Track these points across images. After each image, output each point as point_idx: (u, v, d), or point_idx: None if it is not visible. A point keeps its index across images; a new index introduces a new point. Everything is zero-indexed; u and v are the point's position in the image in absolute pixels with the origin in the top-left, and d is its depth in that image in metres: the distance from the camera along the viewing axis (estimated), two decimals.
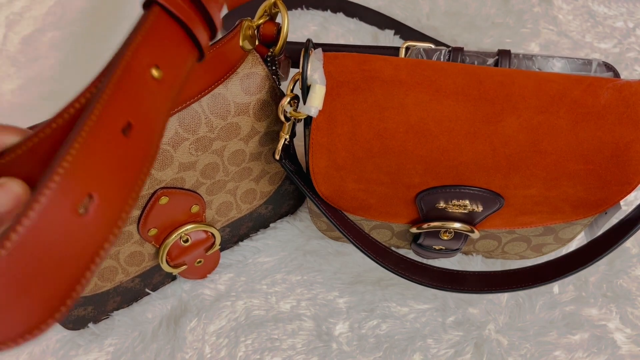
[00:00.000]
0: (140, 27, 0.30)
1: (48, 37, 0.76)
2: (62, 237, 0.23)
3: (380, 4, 0.75)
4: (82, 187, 0.24)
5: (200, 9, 0.33)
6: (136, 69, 0.28)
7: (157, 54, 0.30)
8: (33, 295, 0.22)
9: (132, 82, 0.28)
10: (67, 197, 0.23)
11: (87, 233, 0.24)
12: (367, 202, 0.46)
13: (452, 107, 0.39)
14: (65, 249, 0.23)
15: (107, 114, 0.26)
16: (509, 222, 0.47)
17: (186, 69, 0.33)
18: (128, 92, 0.28)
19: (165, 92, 0.31)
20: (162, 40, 0.31)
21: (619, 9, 0.72)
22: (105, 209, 0.25)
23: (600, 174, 0.40)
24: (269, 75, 0.42)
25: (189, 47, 0.33)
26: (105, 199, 0.25)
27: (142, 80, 0.29)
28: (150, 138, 0.29)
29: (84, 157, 0.24)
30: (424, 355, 0.50)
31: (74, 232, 0.23)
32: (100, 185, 0.25)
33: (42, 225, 0.22)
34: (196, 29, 0.32)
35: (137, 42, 0.29)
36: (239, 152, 0.45)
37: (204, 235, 0.50)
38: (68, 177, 0.23)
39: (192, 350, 0.51)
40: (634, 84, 0.39)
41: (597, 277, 0.53)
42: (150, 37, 0.30)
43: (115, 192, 0.26)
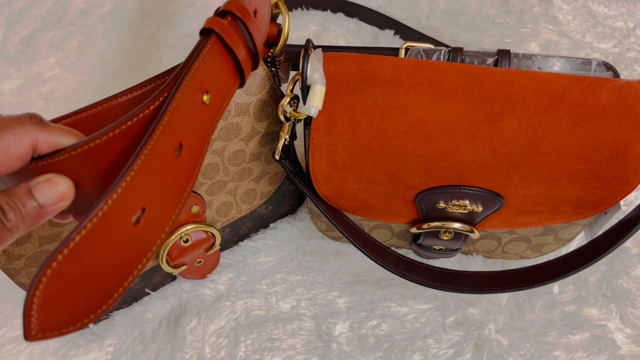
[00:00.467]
0: (198, 54, 0.32)
1: (48, 37, 0.76)
2: (115, 243, 0.26)
3: (380, 4, 0.75)
4: (137, 201, 0.27)
5: (248, 40, 0.36)
6: (192, 94, 0.31)
7: (209, 80, 0.33)
8: (82, 291, 0.25)
9: (186, 107, 0.31)
10: (124, 209, 0.26)
11: (136, 241, 0.27)
12: (367, 202, 0.46)
13: (452, 107, 0.39)
14: (115, 253, 0.26)
15: (165, 136, 0.28)
16: (509, 222, 0.47)
17: (230, 96, 0.36)
18: (182, 116, 0.30)
19: (211, 116, 0.34)
20: (214, 68, 0.33)
21: (619, 9, 0.72)
22: (154, 221, 0.28)
23: (600, 174, 0.40)
24: (269, 76, 0.42)
25: (235, 75, 0.36)
26: (154, 212, 0.28)
27: (195, 104, 0.32)
28: (196, 158, 0.32)
29: (142, 175, 0.27)
30: (424, 355, 0.50)
31: (125, 239, 0.26)
32: (152, 199, 0.28)
33: (101, 231, 0.25)
34: (244, 62, 0.35)
35: (195, 67, 0.31)
36: (239, 153, 0.45)
37: (204, 236, 0.50)
38: (127, 192, 0.26)
39: (192, 350, 0.51)
40: (634, 84, 0.39)
41: (597, 277, 0.53)
42: (206, 64, 0.32)
43: (164, 206, 0.29)
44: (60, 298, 0.24)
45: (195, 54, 0.32)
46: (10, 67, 0.73)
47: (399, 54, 0.45)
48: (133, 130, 0.29)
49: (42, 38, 0.76)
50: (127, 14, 0.79)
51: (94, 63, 0.74)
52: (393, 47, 0.46)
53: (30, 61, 0.74)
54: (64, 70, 0.73)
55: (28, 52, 0.75)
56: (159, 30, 0.76)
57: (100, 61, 0.74)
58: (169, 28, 0.76)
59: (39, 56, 0.75)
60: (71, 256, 0.23)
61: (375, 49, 0.46)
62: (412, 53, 0.45)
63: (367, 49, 0.47)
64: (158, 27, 0.76)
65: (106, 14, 0.79)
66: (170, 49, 0.73)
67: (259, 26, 0.36)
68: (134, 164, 0.26)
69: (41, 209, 0.27)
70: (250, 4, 0.36)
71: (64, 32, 0.77)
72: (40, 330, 0.23)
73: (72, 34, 0.77)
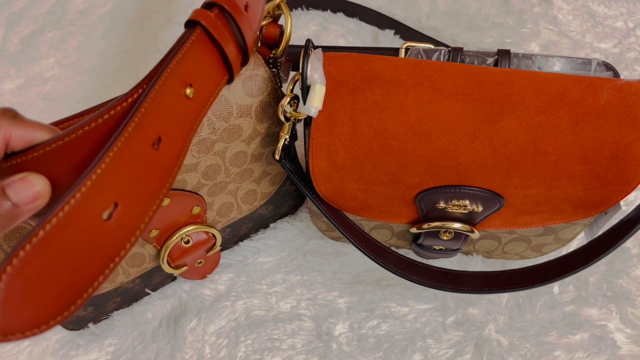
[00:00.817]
0: (181, 45, 0.31)
1: (48, 37, 0.76)
2: (83, 240, 0.24)
3: (380, 4, 0.75)
4: (109, 196, 0.25)
5: (237, 34, 0.34)
6: (172, 86, 0.30)
7: (193, 73, 0.31)
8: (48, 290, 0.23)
9: (167, 99, 0.29)
10: (94, 203, 0.24)
11: (107, 238, 0.25)
12: (367, 202, 0.46)
13: (452, 107, 0.39)
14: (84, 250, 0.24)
15: (142, 128, 0.27)
16: (509, 222, 0.47)
17: (216, 91, 0.34)
18: (162, 108, 0.29)
19: (194, 110, 0.32)
20: (199, 61, 0.32)
21: (619, 9, 0.73)
22: (127, 218, 0.26)
23: (600, 174, 0.40)
24: (271, 78, 0.42)
25: (222, 70, 0.34)
26: (128, 208, 0.26)
27: (176, 97, 0.30)
28: (177, 152, 0.31)
29: (115, 168, 0.25)
30: (424, 355, 0.50)
31: (96, 236, 0.25)
32: (126, 194, 0.26)
33: (68, 226, 0.23)
34: (231, 54, 0.34)
35: (177, 59, 0.30)
36: (240, 154, 0.45)
37: (205, 236, 0.50)
38: (98, 185, 0.24)
39: (192, 350, 0.51)
40: (634, 84, 0.39)
41: (597, 277, 0.53)
42: (189, 56, 0.31)
43: (138, 202, 0.27)
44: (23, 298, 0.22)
45: (178, 45, 0.31)
46: (10, 67, 0.73)
47: (399, 54, 0.45)
48: (110, 124, 0.27)
49: (42, 38, 0.76)
50: (127, 14, 0.79)
51: (94, 63, 0.74)
52: (393, 47, 0.46)
53: (30, 61, 0.74)
54: (64, 70, 0.73)
55: (28, 52, 0.75)
56: (159, 30, 0.76)
57: (100, 61, 0.74)
58: (169, 28, 0.76)
59: (39, 56, 0.75)
60: (34, 253, 0.22)
61: (375, 49, 0.46)
62: (412, 53, 0.45)
63: (367, 49, 0.47)
64: (158, 27, 0.76)
65: (106, 14, 0.79)
66: None
67: (249, 21, 0.35)
68: (105, 156, 0.25)
69: (15, 209, 0.25)
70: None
71: (64, 32, 0.77)
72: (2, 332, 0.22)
73: (72, 34, 0.77)
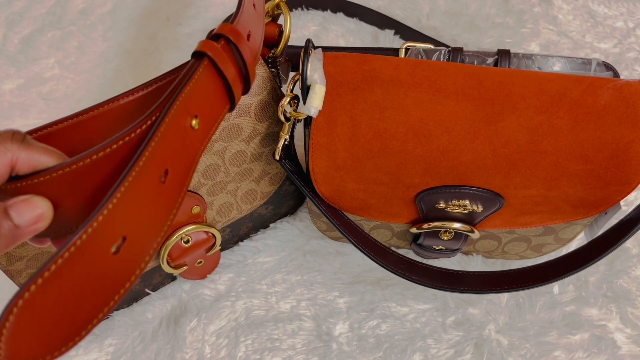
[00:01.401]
0: (190, 77, 0.31)
1: (48, 37, 0.76)
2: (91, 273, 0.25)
3: (380, 4, 0.75)
4: (118, 231, 0.26)
5: (241, 65, 0.35)
6: (180, 118, 0.30)
7: (199, 104, 0.32)
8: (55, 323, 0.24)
9: (174, 132, 0.30)
10: (104, 238, 0.25)
11: (114, 271, 0.26)
12: (367, 202, 0.46)
13: (452, 107, 0.39)
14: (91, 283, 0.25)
15: (151, 162, 0.27)
16: (509, 222, 0.47)
17: (219, 121, 0.35)
18: (170, 142, 0.29)
19: (199, 141, 0.33)
20: (205, 92, 0.32)
21: (619, 9, 0.72)
22: (134, 250, 0.27)
23: (600, 174, 0.40)
24: (270, 77, 0.42)
25: (225, 99, 0.35)
26: (135, 241, 0.27)
27: (182, 129, 0.31)
28: (182, 184, 0.31)
29: (124, 203, 0.26)
30: (424, 355, 0.50)
31: (103, 269, 0.25)
32: (134, 228, 0.27)
33: (78, 261, 0.24)
34: (235, 87, 0.35)
35: (186, 91, 0.30)
36: (240, 153, 0.45)
37: (205, 236, 0.50)
38: (108, 221, 0.25)
39: (192, 350, 0.51)
40: (634, 84, 0.39)
41: (597, 277, 0.53)
42: (197, 88, 0.31)
43: (145, 235, 0.28)
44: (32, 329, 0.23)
45: (187, 77, 0.31)
46: (10, 67, 0.73)
47: (399, 54, 0.45)
48: (118, 154, 0.28)
49: (42, 38, 0.76)
50: (127, 14, 0.79)
51: (94, 63, 0.74)
52: (393, 47, 0.46)
53: (30, 61, 0.74)
54: (64, 70, 0.73)
55: (28, 52, 0.75)
56: (159, 30, 0.76)
57: (100, 61, 0.74)
58: (169, 28, 0.76)
59: (39, 56, 0.75)
60: (45, 286, 0.22)
61: (375, 49, 0.46)
62: (412, 53, 0.45)
63: (367, 49, 0.47)
64: (158, 27, 0.76)
65: (106, 14, 0.79)
66: (170, 49, 0.73)
67: (252, 49, 0.36)
68: (116, 191, 0.25)
69: (17, 230, 0.26)
70: (245, 27, 0.35)
71: (64, 32, 0.77)
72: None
73: (72, 34, 0.77)
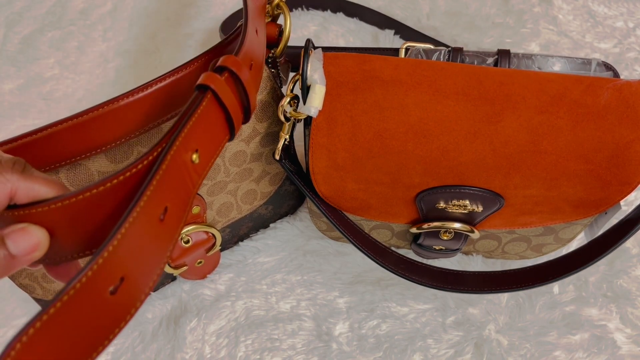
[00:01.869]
0: (194, 111, 0.31)
1: (48, 37, 0.76)
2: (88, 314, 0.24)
3: (380, 4, 0.75)
4: (118, 271, 0.25)
5: (242, 97, 0.34)
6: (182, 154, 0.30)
7: (201, 139, 0.32)
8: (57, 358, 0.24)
9: (176, 170, 0.29)
10: (103, 280, 0.24)
11: (110, 312, 0.26)
12: (367, 202, 0.46)
13: (452, 107, 0.39)
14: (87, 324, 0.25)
15: (152, 202, 0.27)
16: (509, 222, 0.47)
17: (219, 153, 0.34)
18: (171, 180, 0.29)
19: (198, 174, 0.32)
20: (207, 126, 0.32)
21: (619, 9, 0.72)
22: (131, 290, 0.27)
23: (600, 174, 0.40)
24: (270, 77, 0.42)
25: (225, 131, 0.35)
26: (132, 281, 0.26)
27: (184, 164, 0.30)
28: (180, 220, 0.31)
29: (125, 244, 0.25)
30: (424, 355, 0.50)
31: (100, 311, 0.25)
32: (132, 268, 0.26)
33: (76, 303, 0.23)
34: (236, 118, 0.34)
35: (189, 127, 0.30)
36: (240, 153, 0.45)
37: (205, 236, 0.50)
38: (108, 263, 0.24)
39: (192, 350, 0.51)
40: (634, 84, 0.39)
41: (597, 277, 0.53)
42: (199, 122, 0.31)
43: (142, 274, 0.27)
44: None
45: (190, 110, 0.30)
46: (10, 67, 0.73)
47: (399, 54, 0.45)
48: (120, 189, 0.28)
49: (42, 38, 0.76)
50: (127, 14, 0.79)
51: (94, 63, 0.74)
52: (393, 47, 0.46)
53: (30, 61, 0.74)
54: (64, 70, 0.73)
55: (28, 52, 0.75)
56: (159, 30, 0.76)
57: (100, 61, 0.74)
58: (169, 28, 0.76)
59: (39, 56, 0.75)
60: (43, 330, 0.22)
61: (375, 49, 0.46)
62: (412, 53, 0.45)
63: (367, 49, 0.47)
64: (158, 27, 0.76)
65: (106, 14, 0.79)
66: (170, 49, 0.73)
67: (254, 79, 0.35)
68: (117, 233, 0.25)
69: (12, 259, 0.26)
70: (247, 57, 0.35)
71: (64, 32, 0.77)
72: None
73: (72, 34, 0.77)
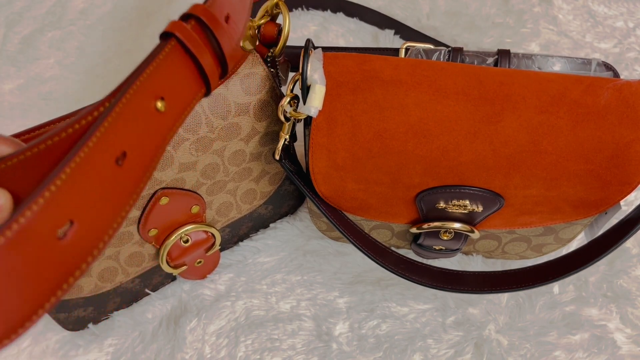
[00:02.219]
0: (154, 58, 0.29)
1: (48, 37, 0.76)
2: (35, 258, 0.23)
3: (380, 4, 0.75)
4: (64, 214, 0.24)
5: (215, 47, 0.33)
6: (141, 100, 0.28)
7: (165, 86, 0.30)
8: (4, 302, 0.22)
9: (134, 113, 0.28)
10: (47, 222, 0.23)
11: (61, 256, 0.24)
12: (367, 202, 0.46)
13: (452, 107, 0.39)
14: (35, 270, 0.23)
15: (104, 142, 0.26)
16: (509, 222, 0.47)
17: (191, 104, 0.33)
18: (129, 123, 0.27)
19: (166, 125, 0.31)
20: (172, 74, 0.31)
21: (619, 9, 0.72)
22: (84, 236, 0.25)
23: (600, 174, 0.40)
24: (269, 76, 0.42)
25: (198, 83, 0.33)
26: (85, 226, 0.25)
27: (145, 111, 0.29)
28: (143, 169, 0.29)
29: (72, 184, 0.24)
30: (424, 356, 0.50)
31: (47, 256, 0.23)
32: (83, 212, 0.25)
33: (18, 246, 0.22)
34: (208, 67, 0.33)
35: (148, 72, 0.29)
36: (239, 153, 0.45)
37: (204, 236, 0.50)
38: (52, 203, 0.23)
39: (192, 350, 0.51)
40: (634, 84, 0.39)
41: (597, 277, 0.53)
42: (161, 69, 0.30)
43: (98, 220, 0.26)
44: None
45: (150, 58, 0.30)
46: (10, 67, 0.73)
47: (399, 54, 0.45)
48: (73, 138, 0.27)
49: (42, 38, 0.76)
50: (127, 14, 0.79)
51: (94, 63, 0.74)
52: (393, 47, 0.46)
53: (30, 61, 0.74)
54: (64, 70, 0.73)
55: (28, 52, 0.75)
56: (159, 30, 0.76)
57: (100, 61, 0.74)
58: None
59: (39, 56, 0.75)
60: None
61: (375, 49, 0.46)
62: (412, 53, 0.45)
63: (367, 49, 0.47)
64: (158, 27, 0.76)
65: (106, 14, 0.79)
66: None
67: (230, 33, 0.34)
68: (61, 172, 0.23)
69: None
70: (221, 9, 0.33)
71: (64, 32, 0.77)
72: None
73: (72, 34, 0.77)
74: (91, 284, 0.46)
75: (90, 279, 0.45)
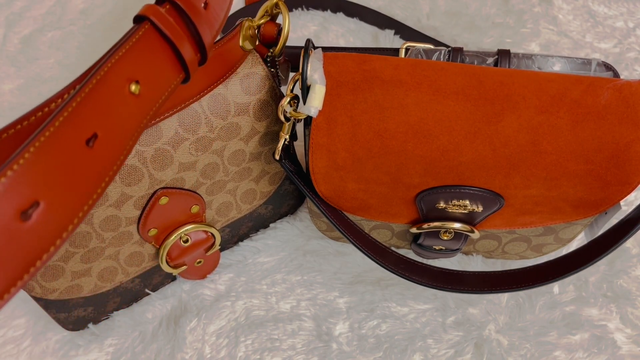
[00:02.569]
0: (126, 40, 0.29)
1: (48, 37, 0.76)
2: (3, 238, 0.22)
3: (380, 4, 0.75)
4: (28, 193, 0.23)
5: (192, 32, 0.33)
6: (113, 81, 0.28)
7: (140, 69, 0.30)
8: None
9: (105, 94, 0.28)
10: (9, 202, 0.22)
11: (24, 240, 0.23)
12: (367, 202, 0.46)
13: (452, 107, 0.39)
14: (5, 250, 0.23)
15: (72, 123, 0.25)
16: (509, 222, 0.47)
17: (169, 89, 0.32)
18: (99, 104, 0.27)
19: (141, 108, 0.30)
20: (147, 57, 0.30)
21: (619, 9, 0.72)
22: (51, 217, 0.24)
23: (600, 174, 0.40)
24: (268, 76, 0.43)
25: (176, 67, 0.33)
26: (52, 208, 0.24)
27: (117, 93, 0.29)
28: (116, 152, 0.29)
29: (36, 164, 0.23)
30: (424, 356, 0.50)
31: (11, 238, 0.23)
32: (50, 193, 0.24)
33: None
34: (185, 51, 0.32)
35: (120, 54, 0.29)
36: (239, 152, 0.45)
37: (204, 236, 0.50)
38: (15, 182, 0.22)
39: (192, 351, 0.51)
40: (634, 84, 0.39)
41: (597, 277, 0.53)
42: (135, 52, 0.30)
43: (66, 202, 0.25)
44: None
45: (122, 41, 0.29)
46: (10, 67, 0.73)
47: (399, 54, 0.45)
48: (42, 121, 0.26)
49: (42, 38, 0.76)
50: (127, 14, 0.79)
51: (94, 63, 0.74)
52: (393, 47, 0.46)
53: (30, 61, 0.74)
54: (64, 70, 0.73)
55: (28, 52, 0.75)
56: None
57: None
58: None
59: (39, 56, 0.75)
60: None
61: (375, 49, 0.46)
62: (412, 53, 0.45)
63: (367, 49, 0.47)
64: None
65: (106, 14, 0.79)
66: None
67: (209, 19, 0.34)
68: (24, 151, 0.23)
69: None
70: None
71: (64, 32, 0.77)
72: None
73: (72, 34, 0.77)
74: (91, 284, 0.46)
75: (90, 278, 0.45)
